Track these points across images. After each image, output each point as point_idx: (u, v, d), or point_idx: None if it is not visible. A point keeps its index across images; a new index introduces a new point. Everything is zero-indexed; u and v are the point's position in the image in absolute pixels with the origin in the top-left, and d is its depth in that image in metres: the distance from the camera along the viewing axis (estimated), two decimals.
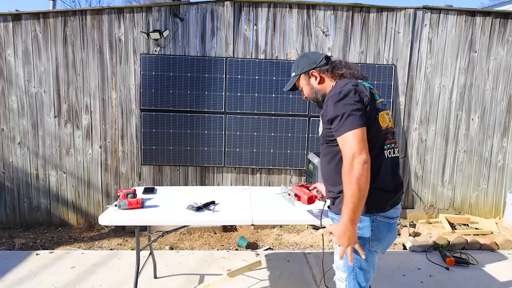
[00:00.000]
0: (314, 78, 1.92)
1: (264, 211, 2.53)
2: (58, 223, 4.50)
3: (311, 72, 1.91)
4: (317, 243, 4.12)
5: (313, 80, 1.92)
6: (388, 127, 1.80)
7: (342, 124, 1.65)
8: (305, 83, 1.96)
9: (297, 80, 1.99)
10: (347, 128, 1.64)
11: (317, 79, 1.91)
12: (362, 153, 1.60)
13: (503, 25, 4.48)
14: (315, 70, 1.90)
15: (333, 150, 1.80)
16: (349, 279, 1.81)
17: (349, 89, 1.69)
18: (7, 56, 4.25)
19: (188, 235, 4.22)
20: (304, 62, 1.94)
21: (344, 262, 1.79)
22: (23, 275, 3.22)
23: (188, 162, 4.43)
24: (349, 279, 1.80)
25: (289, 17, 4.36)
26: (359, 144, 1.61)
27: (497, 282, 3.21)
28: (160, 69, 4.28)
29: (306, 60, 1.94)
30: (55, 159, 4.42)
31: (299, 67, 1.96)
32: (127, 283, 3.08)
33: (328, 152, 1.84)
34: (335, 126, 1.69)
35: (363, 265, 1.79)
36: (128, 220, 2.43)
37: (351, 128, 1.63)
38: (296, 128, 4.42)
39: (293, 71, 2.00)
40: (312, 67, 1.91)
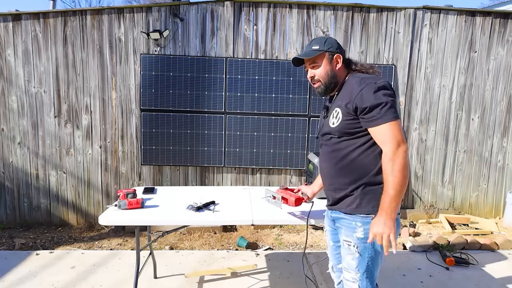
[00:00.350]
0: (336, 62, 1.84)
1: (264, 211, 2.53)
2: (58, 223, 4.50)
3: (337, 56, 1.83)
4: (317, 243, 4.12)
5: (334, 64, 1.84)
6: None
7: (385, 113, 1.63)
8: (325, 63, 1.83)
9: (319, 55, 1.83)
10: (391, 117, 1.63)
11: (338, 65, 1.83)
12: (405, 142, 1.64)
13: (503, 25, 4.48)
14: (341, 55, 1.84)
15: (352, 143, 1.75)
16: (362, 278, 1.79)
17: (384, 81, 1.69)
18: (7, 56, 4.25)
19: (188, 235, 4.22)
20: (333, 42, 1.85)
21: (358, 262, 1.77)
22: (23, 275, 3.22)
23: (188, 162, 4.43)
24: (363, 278, 1.78)
25: (289, 17, 4.36)
26: (402, 134, 1.64)
27: (497, 282, 3.21)
28: (160, 69, 4.28)
29: (334, 41, 1.85)
30: (55, 159, 4.42)
31: (327, 44, 1.83)
32: (127, 283, 3.08)
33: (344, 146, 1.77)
34: (374, 114, 1.65)
35: (377, 263, 1.78)
36: (128, 220, 2.43)
37: (395, 118, 1.64)
38: (296, 128, 4.42)
39: (316, 44, 1.84)
40: (339, 51, 1.84)
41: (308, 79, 1.91)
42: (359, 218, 1.75)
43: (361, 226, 1.74)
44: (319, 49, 1.82)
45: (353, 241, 1.77)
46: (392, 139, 1.63)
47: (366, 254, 1.75)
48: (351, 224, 1.77)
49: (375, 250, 1.76)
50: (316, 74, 1.85)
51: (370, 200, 1.74)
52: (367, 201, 1.74)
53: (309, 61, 1.86)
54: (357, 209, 1.75)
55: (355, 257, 1.77)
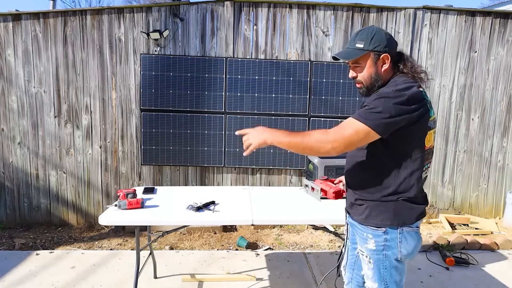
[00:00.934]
0: (382, 64, 1.64)
1: (264, 211, 2.53)
2: (58, 223, 4.50)
3: (384, 56, 1.63)
4: (317, 243, 4.12)
5: (381, 65, 1.64)
6: (431, 147, 1.68)
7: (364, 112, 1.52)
8: (370, 64, 1.64)
9: (362, 56, 1.63)
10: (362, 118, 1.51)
11: (385, 66, 1.64)
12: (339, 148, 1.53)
13: (503, 25, 4.48)
14: (386, 55, 1.63)
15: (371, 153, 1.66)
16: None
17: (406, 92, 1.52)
18: (7, 56, 4.25)
19: (188, 235, 4.22)
20: (381, 39, 1.62)
21: (373, 273, 1.74)
22: (23, 275, 3.22)
23: (188, 162, 4.43)
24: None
25: (289, 17, 4.36)
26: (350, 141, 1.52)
27: (497, 282, 3.21)
28: (160, 69, 4.28)
29: (382, 37, 1.63)
30: (55, 159, 4.42)
31: (373, 43, 1.61)
32: (127, 283, 3.08)
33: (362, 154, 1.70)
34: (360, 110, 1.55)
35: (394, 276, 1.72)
36: (128, 220, 2.43)
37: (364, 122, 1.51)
38: (296, 128, 4.42)
39: (361, 41, 1.63)
40: (386, 50, 1.62)
41: None
42: (370, 230, 1.70)
43: (372, 238, 1.70)
44: (363, 49, 1.62)
45: (366, 251, 1.74)
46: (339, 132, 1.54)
47: (380, 265, 1.71)
48: (363, 234, 1.74)
49: (390, 263, 1.69)
50: (360, 75, 1.68)
51: (379, 213, 1.68)
52: (376, 214, 1.69)
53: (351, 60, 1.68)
54: (367, 220, 1.71)
55: (370, 268, 1.74)
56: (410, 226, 1.68)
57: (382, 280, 1.72)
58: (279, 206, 2.66)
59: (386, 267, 1.70)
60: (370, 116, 1.51)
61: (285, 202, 2.76)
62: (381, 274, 1.71)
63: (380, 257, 1.69)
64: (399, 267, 1.71)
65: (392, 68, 1.68)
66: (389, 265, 1.70)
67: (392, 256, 1.68)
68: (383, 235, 1.67)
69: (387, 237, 1.67)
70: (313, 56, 4.41)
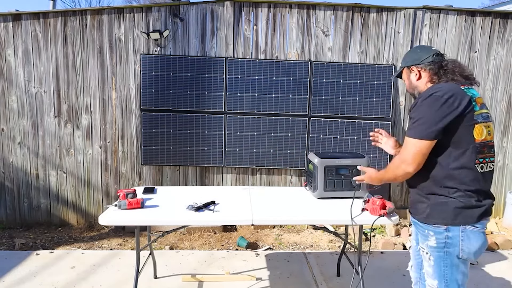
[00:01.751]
0: (414, 74, 1.94)
1: (264, 211, 2.53)
2: (58, 223, 4.50)
3: (412, 68, 1.94)
4: (317, 243, 4.13)
5: (413, 76, 1.94)
6: (485, 140, 1.75)
7: (413, 127, 1.75)
8: (406, 77, 1.99)
9: (401, 72, 2.03)
10: (414, 134, 1.74)
11: (416, 76, 1.93)
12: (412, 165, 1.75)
13: (503, 25, 4.48)
14: (416, 67, 1.92)
15: None
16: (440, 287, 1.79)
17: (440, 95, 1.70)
18: (7, 56, 4.25)
19: (188, 235, 4.22)
20: (410, 56, 1.97)
21: (433, 270, 1.80)
22: (23, 275, 3.22)
23: (188, 162, 4.43)
24: (441, 286, 1.79)
25: (289, 17, 4.36)
26: (415, 156, 1.73)
27: (497, 282, 3.21)
28: (160, 69, 4.28)
29: (413, 54, 1.97)
30: (55, 159, 4.42)
31: (404, 60, 2.00)
32: (127, 283, 3.08)
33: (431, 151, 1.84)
34: (409, 124, 1.79)
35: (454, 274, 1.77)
36: (128, 220, 2.44)
37: (418, 136, 1.73)
38: (296, 128, 4.42)
39: (401, 62, 2.04)
40: (414, 63, 1.93)
41: None
42: (431, 227, 1.78)
43: (433, 235, 1.77)
44: (401, 66, 2.02)
45: (426, 249, 1.81)
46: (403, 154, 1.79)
47: (441, 263, 1.76)
48: (424, 232, 1.81)
49: (451, 261, 1.75)
50: (406, 87, 2.04)
51: (440, 212, 1.75)
52: (437, 212, 1.76)
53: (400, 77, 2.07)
54: (428, 219, 1.79)
55: (430, 265, 1.81)
56: (473, 225, 1.73)
57: (442, 277, 1.77)
58: (279, 206, 2.66)
59: (446, 265, 1.75)
60: (418, 129, 1.73)
61: (285, 202, 2.76)
62: (441, 271, 1.76)
63: (441, 255, 1.76)
64: (460, 266, 1.76)
65: (431, 76, 1.89)
66: (450, 263, 1.75)
67: (453, 253, 1.74)
68: (444, 232, 1.74)
69: (449, 234, 1.73)
70: (313, 56, 4.41)
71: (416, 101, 1.79)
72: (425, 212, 1.80)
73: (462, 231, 1.72)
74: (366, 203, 2.42)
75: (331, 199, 2.74)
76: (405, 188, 4.69)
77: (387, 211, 2.32)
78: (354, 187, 2.64)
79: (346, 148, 4.45)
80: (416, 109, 1.76)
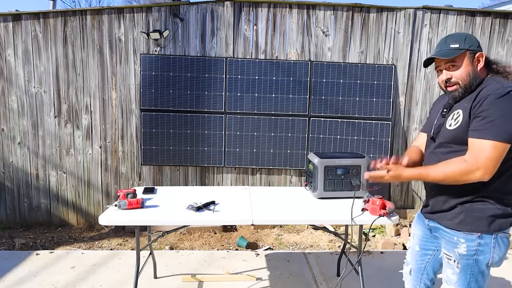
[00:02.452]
0: (477, 62, 1.69)
1: (264, 211, 2.53)
2: (58, 223, 4.50)
3: (479, 54, 1.68)
4: (317, 243, 4.13)
5: (476, 64, 1.68)
6: None
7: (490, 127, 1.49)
8: (467, 63, 1.66)
9: (460, 54, 1.66)
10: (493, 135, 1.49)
11: (480, 65, 1.68)
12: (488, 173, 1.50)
13: (503, 25, 4.48)
14: (483, 54, 1.69)
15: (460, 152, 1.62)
16: None
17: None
18: (7, 56, 4.25)
19: (188, 235, 4.22)
20: (472, 39, 1.69)
21: (458, 277, 1.69)
22: (23, 275, 3.22)
23: (188, 162, 4.43)
24: None
25: (289, 17, 4.36)
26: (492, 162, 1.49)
27: (497, 282, 3.21)
28: (160, 69, 4.28)
29: (473, 38, 1.70)
30: (55, 159, 4.42)
31: (467, 42, 1.67)
32: (127, 283, 3.08)
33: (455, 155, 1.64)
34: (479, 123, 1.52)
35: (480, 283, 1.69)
36: (128, 220, 2.44)
37: (497, 138, 1.49)
38: (296, 128, 4.42)
39: (455, 42, 1.68)
40: (480, 49, 1.69)
41: (439, 82, 1.76)
42: (462, 234, 1.66)
43: (464, 242, 1.65)
44: (459, 48, 1.66)
45: (454, 256, 1.70)
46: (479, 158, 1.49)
47: (468, 271, 1.67)
48: (452, 239, 1.69)
49: (479, 268, 1.66)
50: (454, 76, 1.68)
51: (475, 219, 1.64)
52: (472, 219, 1.64)
53: (444, 61, 1.69)
54: (459, 225, 1.67)
55: (455, 272, 1.70)
56: (504, 231, 1.64)
57: (467, 285, 1.68)
58: (279, 206, 2.66)
59: (473, 273, 1.66)
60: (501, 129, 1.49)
61: (285, 202, 2.76)
62: (467, 279, 1.67)
63: (470, 262, 1.66)
64: (485, 273, 1.68)
65: (485, 69, 1.71)
66: (477, 271, 1.66)
67: (483, 261, 1.65)
68: (477, 240, 1.63)
69: (481, 241, 1.63)
70: (313, 56, 4.41)
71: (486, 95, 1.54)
72: (457, 218, 1.66)
73: (494, 238, 1.63)
74: (366, 203, 2.42)
75: (331, 199, 2.74)
76: (405, 188, 4.69)
77: (387, 211, 2.32)
78: (354, 187, 2.65)
79: (346, 148, 4.45)
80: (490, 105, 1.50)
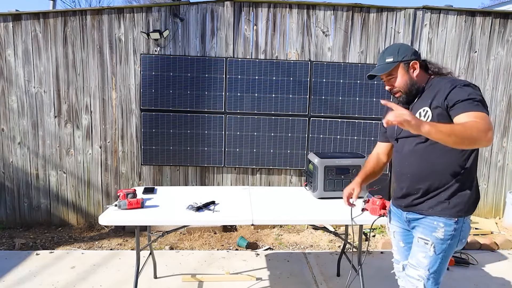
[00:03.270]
0: (413, 70, 1.84)
1: (264, 211, 2.54)
2: (58, 223, 4.50)
3: (413, 63, 1.83)
4: (317, 243, 4.13)
5: (412, 72, 1.84)
6: None
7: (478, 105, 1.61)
8: (402, 73, 1.83)
9: (394, 67, 1.83)
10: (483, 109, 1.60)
11: (416, 72, 1.83)
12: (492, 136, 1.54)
13: (503, 25, 4.48)
14: (417, 62, 1.83)
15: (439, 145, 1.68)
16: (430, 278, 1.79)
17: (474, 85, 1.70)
18: (7, 56, 4.25)
19: (188, 235, 4.22)
20: (406, 50, 1.84)
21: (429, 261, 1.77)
22: (23, 275, 3.22)
23: (188, 162, 4.43)
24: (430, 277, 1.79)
25: (289, 17, 4.36)
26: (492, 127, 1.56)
27: (497, 282, 3.21)
28: (160, 69, 4.28)
29: (407, 48, 1.85)
30: (55, 159, 4.42)
31: (400, 54, 1.83)
32: (127, 283, 3.08)
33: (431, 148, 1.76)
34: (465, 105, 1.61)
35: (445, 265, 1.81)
36: (128, 220, 2.44)
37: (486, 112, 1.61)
38: (296, 128, 4.42)
39: (390, 56, 1.84)
40: (414, 58, 1.83)
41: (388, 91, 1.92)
42: (443, 219, 1.75)
43: (443, 227, 1.75)
44: (393, 61, 1.83)
45: (431, 239, 1.77)
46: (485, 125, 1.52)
47: (441, 254, 1.77)
48: (432, 224, 1.77)
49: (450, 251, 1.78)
50: (397, 84, 1.85)
51: (456, 205, 1.74)
52: (452, 205, 1.74)
53: (384, 74, 1.87)
54: (441, 212, 1.75)
55: (428, 255, 1.78)
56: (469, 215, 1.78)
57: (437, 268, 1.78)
58: (279, 206, 2.67)
59: (445, 256, 1.77)
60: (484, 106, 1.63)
61: (285, 202, 2.76)
62: (437, 261, 1.77)
63: (444, 246, 1.76)
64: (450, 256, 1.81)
65: (425, 72, 1.87)
66: (448, 254, 1.79)
67: (453, 245, 1.77)
68: (453, 225, 1.73)
69: (456, 226, 1.74)
70: (313, 56, 4.41)
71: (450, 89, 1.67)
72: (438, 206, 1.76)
73: (464, 222, 1.76)
74: (366, 203, 2.42)
75: (331, 199, 2.74)
76: None
77: (387, 211, 2.32)
78: None
79: (346, 148, 4.45)
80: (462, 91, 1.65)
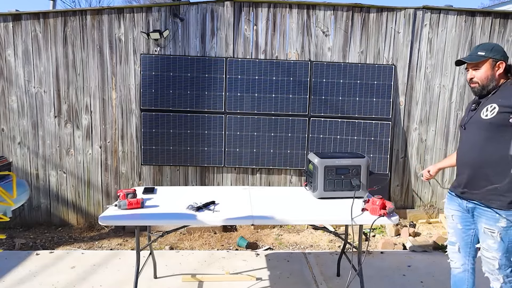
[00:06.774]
0: (497, 69, 2.07)
1: (264, 211, 2.53)
2: (58, 223, 4.50)
3: (500, 63, 2.06)
4: (317, 243, 4.13)
5: (496, 70, 2.07)
6: None
7: None
8: (487, 68, 2.07)
9: (483, 60, 2.07)
10: None
11: (499, 71, 2.06)
12: None
13: (503, 25, 4.48)
14: (503, 62, 2.06)
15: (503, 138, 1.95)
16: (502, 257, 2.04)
17: None
18: (7, 56, 4.25)
19: (188, 235, 4.22)
20: (500, 50, 2.08)
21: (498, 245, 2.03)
22: (23, 275, 3.22)
23: (188, 162, 4.43)
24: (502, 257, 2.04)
25: (289, 17, 4.36)
26: None
27: None
28: (160, 69, 4.28)
29: (500, 49, 2.08)
30: (55, 159, 4.42)
31: (493, 51, 2.06)
32: (127, 283, 3.08)
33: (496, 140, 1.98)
34: None
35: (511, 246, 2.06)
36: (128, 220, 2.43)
37: None
38: (296, 128, 4.42)
39: (482, 50, 2.08)
40: (503, 59, 2.06)
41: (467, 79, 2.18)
42: (503, 211, 2.00)
43: (504, 217, 2.00)
44: (485, 55, 2.07)
45: (497, 229, 2.03)
46: None
47: (506, 238, 2.02)
48: (494, 216, 2.03)
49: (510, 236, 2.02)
50: (476, 76, 2.11)
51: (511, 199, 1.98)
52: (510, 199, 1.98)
53: (471, 64, 2.12)
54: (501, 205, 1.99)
55: (497, 241, 2.04)
56: None
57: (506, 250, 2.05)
58: (279, 206, 2.67)
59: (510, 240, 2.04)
60: None
61: (285, 202, 2.76)
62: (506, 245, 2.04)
63: (510, 232, 2.02)
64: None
65: (505, 75, 2.09)
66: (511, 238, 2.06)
67: None
68: None
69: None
70: (313, 56, 4.41)
71: None
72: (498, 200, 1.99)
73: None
74: (366, 203, 2.42)
75: (331, 199, 2.74)
76: (405, 188, 4.69)
77: (387, 211, 2.32)
78: (354, 187, 2.65)
79: (346, 148, 4.45)
80: None
